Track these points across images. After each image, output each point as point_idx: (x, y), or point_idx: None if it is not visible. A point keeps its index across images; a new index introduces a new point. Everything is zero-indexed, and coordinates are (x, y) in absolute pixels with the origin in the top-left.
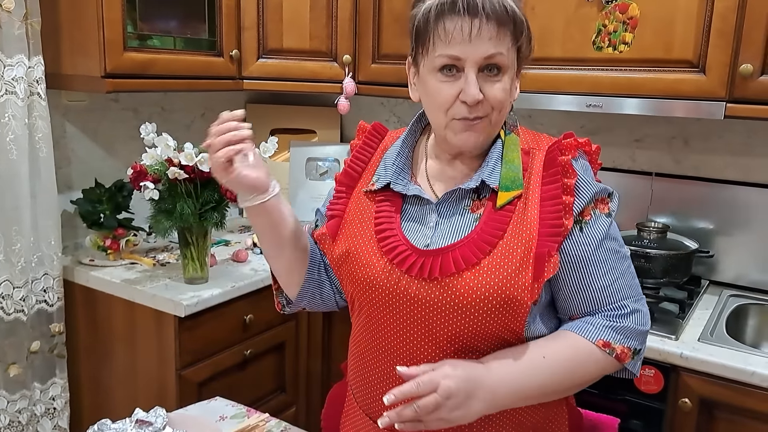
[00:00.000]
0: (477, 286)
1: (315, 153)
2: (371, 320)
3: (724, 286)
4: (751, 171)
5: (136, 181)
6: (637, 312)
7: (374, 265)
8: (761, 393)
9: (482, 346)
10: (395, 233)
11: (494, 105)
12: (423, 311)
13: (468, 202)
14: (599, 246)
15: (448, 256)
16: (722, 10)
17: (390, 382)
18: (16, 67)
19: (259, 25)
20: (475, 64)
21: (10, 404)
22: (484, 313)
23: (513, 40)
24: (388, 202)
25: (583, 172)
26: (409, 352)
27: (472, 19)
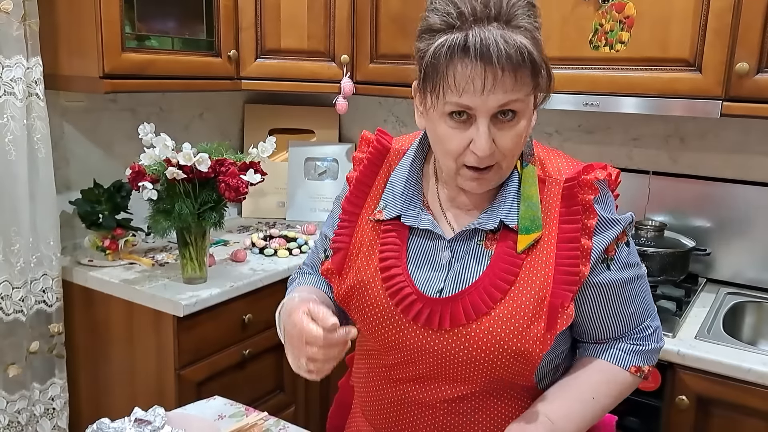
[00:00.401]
0: (488, 338)
1: (313, 153)
2: (381, 354)
3: (721, 284)
4: (748, 169)
5: (135, 182)
6: (657, 330)
7: (380, 308)
8: (758, 390)
9: (493, 388)
10: (400, 272)
11: (506, 153)
12: (432, 358)
13: (482, 236)
14: (624, 279)
15: (458, 305)
16: (718, 9)
17: (400, 409)
18: (14, 68)
19: (257, 26)
20: (488, 114)
21: (10, 404)
22: (495, 363)
23: (532, 84)
24: (394, 233)
25: (604, 211)
26: (420, 385)
27: (485, 68)
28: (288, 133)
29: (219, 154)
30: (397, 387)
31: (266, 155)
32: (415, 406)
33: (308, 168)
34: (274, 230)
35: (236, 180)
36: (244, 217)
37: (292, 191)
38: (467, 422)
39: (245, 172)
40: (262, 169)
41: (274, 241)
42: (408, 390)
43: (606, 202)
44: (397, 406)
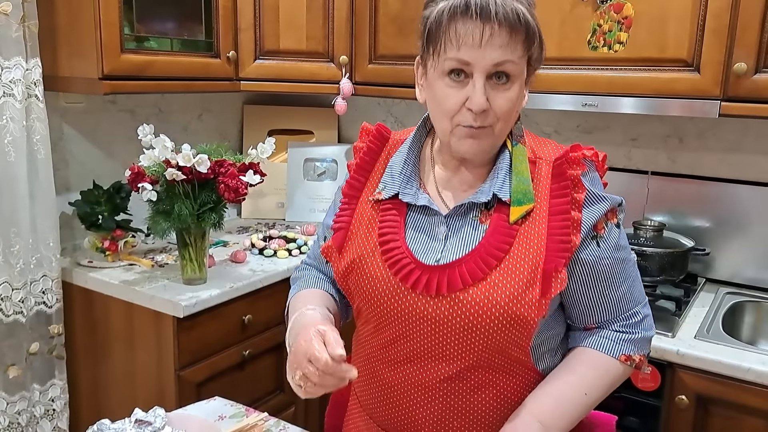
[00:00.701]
0: (485, 302)
1: (312, 153)
2: (379, 331)
3: (720, 283)
4: (746, 168)
5: (134, 183)
6: (646, 317)
7: (379, 279)
8: (757, 389)
9: (490, 360)
10: (399, 245)
11: (499, 115)
12: (430, 327)
13: (476, 212)
14: (613, 257)
15: (455, 271)
16: (716, 9)
17: (399, 394)
18: (13, 69)
19: (256, 27)
20: (484, 71)
21: (10, 406)
22: (492, 330)
23: (525, 48)
24: (393, 210)
25: (592, 186)
26: (417, 365)
27: (483, 24)
28: (287, 133)
29: (218, 155)
30: (394, 370)
31: (265, 156)
32: (413, 389)
33: (307, 169)
34: (274, 231)
35: (236, 181)
36: (243, 217)
37: (291, 192)
38: (466, 403)
39: (245, 173)
40: (261, 170)
41: (273, 241)
42: (405, 372)
43: (593, 179)
44: (395, 392)
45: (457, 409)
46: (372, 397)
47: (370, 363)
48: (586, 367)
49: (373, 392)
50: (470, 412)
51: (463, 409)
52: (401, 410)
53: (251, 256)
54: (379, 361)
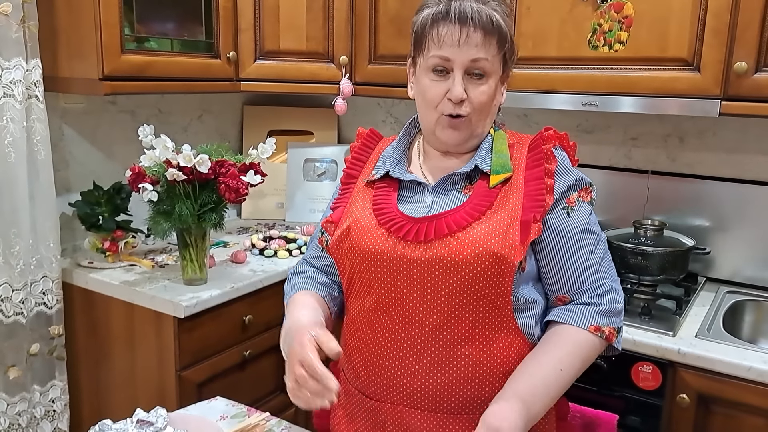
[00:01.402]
0: (468, 244)
1: (312, 154)
2: (369, 292)
3: (720, 282)
4: (746, 168)
5: (135, 183)
6: (614, 290)
7: (373, 235)
8: (758, 388)
9: (473, 307)
10: (392, 209)
11: (476, 106)
12: (419, 271)
13: (461, 185)
14: (583, 231)
15: (441, 221)
16: (716, 9)
17: (387, 353)
18: (13, 70)
19: (256, 27)
20: (462, 66)
21: (10, 407)
22: (475, 269)
23: (497, 48)
24: (387, 187)
25: (562, 160)
26: (407, 316)
27: (461, 27)
28: (287, 134)
29: (219, 156)
30: (383, 331)
31: (266, 156)
32: (401, 345)
33: (307, 169)
34: (274, 231)
35: (236, 181)
36: (243, 218)
37: (291, 192)
38: (451, 356)
39: (245, 174)
40: (262, 171)
41: (273, 242)
42: (394, 330)
43: (564, 156)
44: (385, 353)
45: (443, 362)
46: (361, 364)
47: (360, 330)
48: (560, 345)
49: (363, 358)
50: (456, 365)
51: (449, 362)
52: (390, 368)
53: (251, 257)
54: (369, 326)
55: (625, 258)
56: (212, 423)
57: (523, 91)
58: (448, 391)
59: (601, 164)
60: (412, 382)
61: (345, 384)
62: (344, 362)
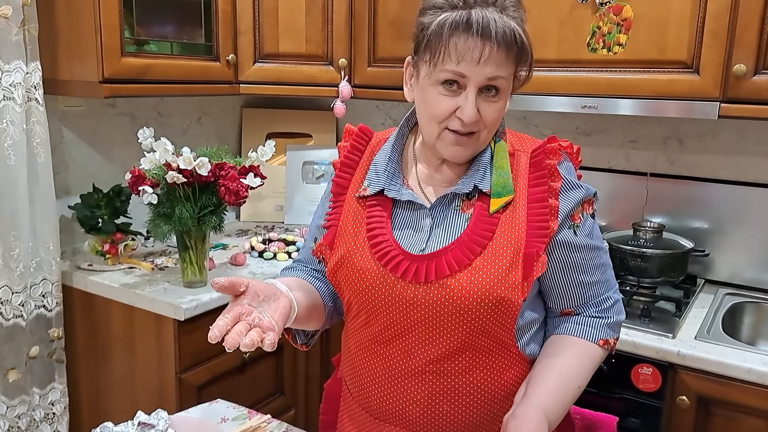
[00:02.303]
0: (471, 287)
1: (311, 157)
2: (369, 323)
3: (719, 284)
4: (745, 170)
5: (135, 186)
6: (617, 302)
7: (368, 271)
8: (758, 389)
9: (476, 342)
10: (387, 238)
11: (487, 124)
12: (419, 313)
13: (458, 202)
14: (588, 245)
15: (441, 260)
16: (715, 11)
17: (389, 381)
18: (13, 73)
19: (255, 30)
20: (477, 84)
21: (10, 409)
22: (478, 312)
23: (515, 65)
24: (379, 207)
25: (567, 174)
26: (408, 349)
27: (484, 42)
28: (286, 137)
29: (219, 158)
30: (384, 358)
31: (265, 159)
32: (403, 374)
33: (306, 172)
34: (273, 234)
35: (236, 184)
36: (242, 220)
37: (290, 195)
38: (454, 385)
39: (245, 176)
40: (261, 173)
41: (273, 244)
42: (395, 359)
43: (569, 168)
44: (386, 378)
45: (446, 390)
46: (363, 387)
47: (360, 355)
48: (576, 356)
49: (364, 382)
50: (458, 393)
51: (452, 390)
52: (392, 395)
53: (251, 259)
54: (370, 351)
55: (625, 260)
56: (213, 425)
57: (522, 94)
58: (451, 417)
59: (600, 166)
60: (414, 410)
61: (350, 400)
62: (349, 379)
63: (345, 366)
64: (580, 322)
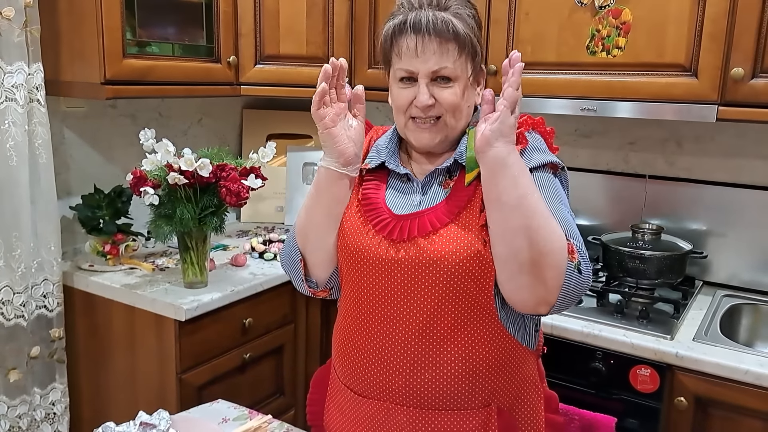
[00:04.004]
0: (450, 240)
1: (311, 157)
2: (356, 290)
3: (717, 286)
4: (743, 172)
5: (136, 187)
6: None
7: (358, 232)
8: (755, 390)
9: (456, 305)
10: (379, 204)
11: (446, 107)
12: (401, 271)
13: (441, 179)
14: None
15: (424, 219)
16: (713, 15)
17: (372, 351)
18: (15, 74)
19: (256, 32)
20: (426, 76)
21: (11, 409)
22: (457, 267)
23: (458, 53)
24: (375, 181)
25: (534, 140)
26: (390, 314)
27: (416, 37)
28: (286, 138)
29: (220, 160)
30: (368, 330)
31: (266, 160)
32: (385, 344)
33: (306, 173)
34: (273, 234)
35: (237, 185)
36: (242, 221)
37: (290, 196)
38: (434, 355)
39: (246, 177)
40: (262, 175)
41: (273, 245)
42: (379, 326)
43: (537, 138)
44: (370, 351)
45: (427, 360)
46: (348, 362)
47: (348, 328)
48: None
49: (350, 356)
50: (440, 363)
51: (432, 360)
52: (376, 366)
53: (251, 260)
54: (355, 324)
55: (623, 262)
56: (214, 426)
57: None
58: (433, 388)
59: (598, 168)
60: (397, 380)
61: (336, 381)
62: (335, 359)
63: (335, 344)
64: None
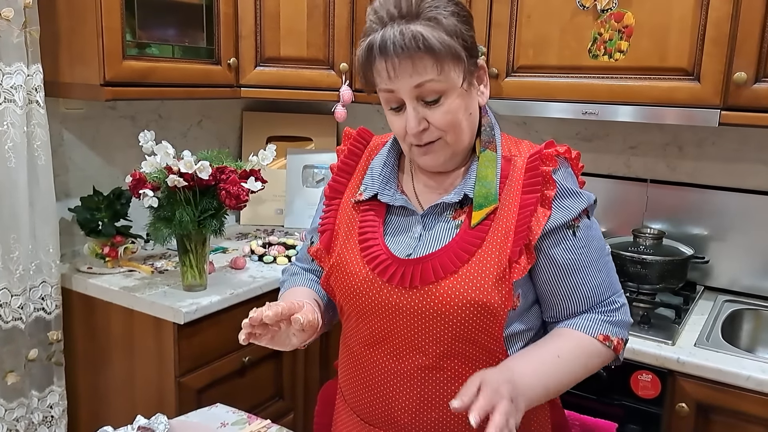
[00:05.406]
0: (455, 293)
1: (311, 160)
2: (359, 327)
3: (719, 291)
4: (745, 177)
5: (136, 189)
6: (623, 305)
7: (358, 275)
8: (756, 397)
9: (463, 350)
10: (378, 243)
11: (442, 128)
12: (405, 318)
13: (450, 211)
14: (590, 246)
15: (428, 265)
16: (716, 19)
17: (378, 385)
18: (14, 75)
19: (257, 34)
20: (410, 96)
21: (8, 412)
22: (463, 319)
23: (438, 66)
24: (372, 212)
25: (564, 181)
26: (396, 353)
27: (385, 60)
28: (286, 140)
29: (219, 162)
30: (374, 364)
31: (266, 163)
32: (391, 380)
33: (306, 175)
34: (273, 237)
35: (237, 188)
36: (242, 224)
37: (290, 198)
38: (441, 394)
39: (246, 180)
40: (262, 177)
41: (273, 248)
42: (384, 364)
43: (566, 175)
44: (376, 384)
45: (434, 399)
46: (355, 391)
47: (353, 359)
48: (562, 337)
49: (356, 387)
50: (446, 402)
51: (439, 399)
52: (382, 401)
53: (251, 263)
54: (361, 356)
55: (624, 266)
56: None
57: (523, 100)
58: (439, 426)
59: (600, 172)
60: (403, 416)
61: (343, 405)
62: (342, 383)
63: (340, 369)
64: (581, 318)
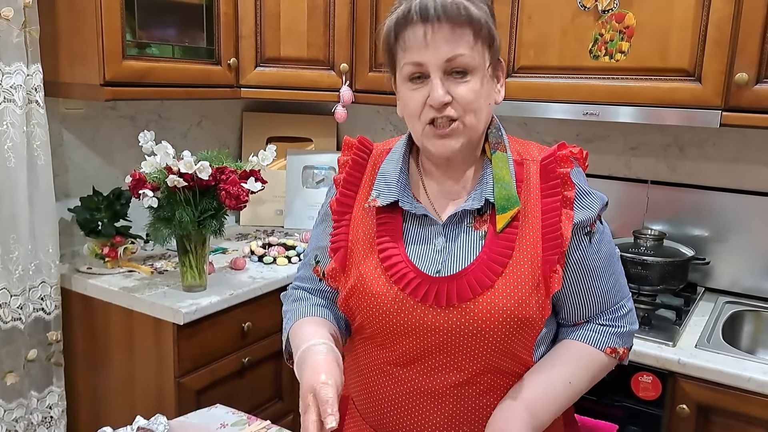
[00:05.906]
0: (494, 309)
1: (311, 161)
2: (385, 347)
3: (719, 293)
4: (746, 178)
5: (135, 189)
6: (630, 311)
7: (385, 295)
8: (757, 398)
9: (498, 363)
10: (401, 259)
11: (464, 106)
12: (440, 338)
13: (470, 219)
14: (603, 252)
15: (463, 281)
16: (718, 20)
17: (407, 402)
18: (14, 75)
19: (257, 34)
20: (438, 68)
21: (7, 413)
22: (502, 334)
23: (473, 39)
24: (389, 223)
25: (580, 182)
26: (427, 375)
27: (424, 24)
28: (286, 141)
29: (219, 162)
30: (403, 379)
31: (266, 163)
32: (422, 397)
33: (306, 176)
34: (273, 238)
35: (237, 188)
36: (242, 225)
37: (290, 199)
38: (474, 407)
39: (246, 180)
40: (262, 178)
41: (272, 249)
42: (415, 381)
43: (579, 174)
44: (403, 401)
45: (466, 413)
46: (377, 408)
47: (375, 376)
48: (572, 359)
49: (379, 403)
50: (479, 416)
51: (472, 413)
52: (410, 417)
53: (251, 263)
54: (386, 373)
55: (625, 268)
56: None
57: (523, 100)
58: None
59: (600, 173)
60: (433, 428)
61: (355, 417)
62: (357, 399)
63: (353, 386)
64: (589, 329)
